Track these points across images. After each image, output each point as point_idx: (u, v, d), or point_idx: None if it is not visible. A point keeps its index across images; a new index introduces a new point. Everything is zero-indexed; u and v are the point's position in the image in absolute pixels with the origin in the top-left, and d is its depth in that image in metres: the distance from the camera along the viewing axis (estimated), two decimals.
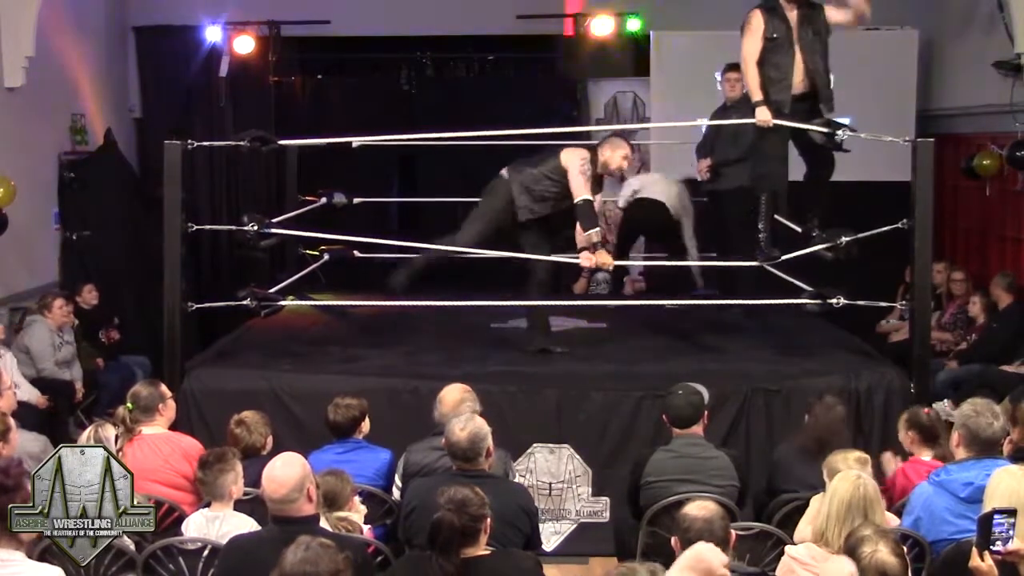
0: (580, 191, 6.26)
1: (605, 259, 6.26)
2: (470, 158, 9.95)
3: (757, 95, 6.40)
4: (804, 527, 4.31)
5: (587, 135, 10.25)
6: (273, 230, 6.60)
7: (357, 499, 4.63)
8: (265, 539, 3.77)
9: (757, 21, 6.41)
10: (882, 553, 3.26)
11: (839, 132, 6.29)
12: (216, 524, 4.16)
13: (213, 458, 4.32)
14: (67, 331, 7.56)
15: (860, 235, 6.35)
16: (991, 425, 4.26)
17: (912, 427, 4.96)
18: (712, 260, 7.71)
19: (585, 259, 6.30)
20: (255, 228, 6.43)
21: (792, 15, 6.41)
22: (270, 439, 5.04)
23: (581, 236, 6.58)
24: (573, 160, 6.34)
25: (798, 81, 6.44)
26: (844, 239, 6.30)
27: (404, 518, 4.37)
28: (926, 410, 5.06)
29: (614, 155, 6.39)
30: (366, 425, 5.23)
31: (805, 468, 4.79)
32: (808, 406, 5.18)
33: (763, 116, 6.35)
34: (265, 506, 3.84)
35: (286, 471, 3.74)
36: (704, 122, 7.69)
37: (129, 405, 4.97)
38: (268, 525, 3.83)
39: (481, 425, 4.36)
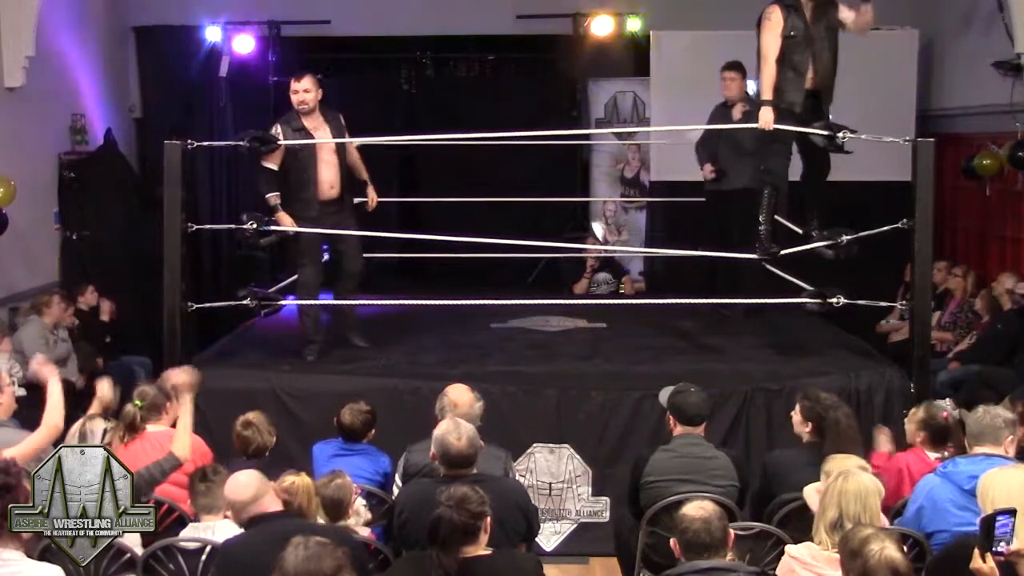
0: (262, 158, 6.56)
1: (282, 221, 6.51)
2: (470, 158, 9.97)
3: (768, 94, 6.34)
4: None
5: (586, 135, 10.34)
6: (272, 227, 6.60)
7: (361, 503, 4.64)
8: (253, 539, 3.79)
9: (777, 17, 6.33)
10: (890, 550, 3.25)
11: (840, 134, 6.28)
12: (209, 535, 4.15)
13: (211, 472, 4.33)
14: (61, 329, 7.56)
15: (860, 235, 6.35)
16: (980, 421, 4.38)
17: (926, 427, 4.93)
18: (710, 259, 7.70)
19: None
20: (254, 227, 6.43)
21: (808, 11, 6.37)
22: (274, 438, 5.04)
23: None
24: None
25: (810, 77, 6.44)
26: (845, 237, 6.30)
27: (399, 528, 4.37)
28: (944, 413, 5.01)
29: (290, 95, 6.62)
30: (372, 431, 5.24)
31: (803, 475, 4.76)
32: (808, 409, 5.00)
33: (766, 118, 6.32)
34: None
35: (244, 477, 3.88)
36: (704, 127, 7.66)
37: (138, 402, 4.99)
38: (249, 529, 3.86)
39: (470, 427, 4.37)
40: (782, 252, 6.50)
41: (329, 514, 4.36)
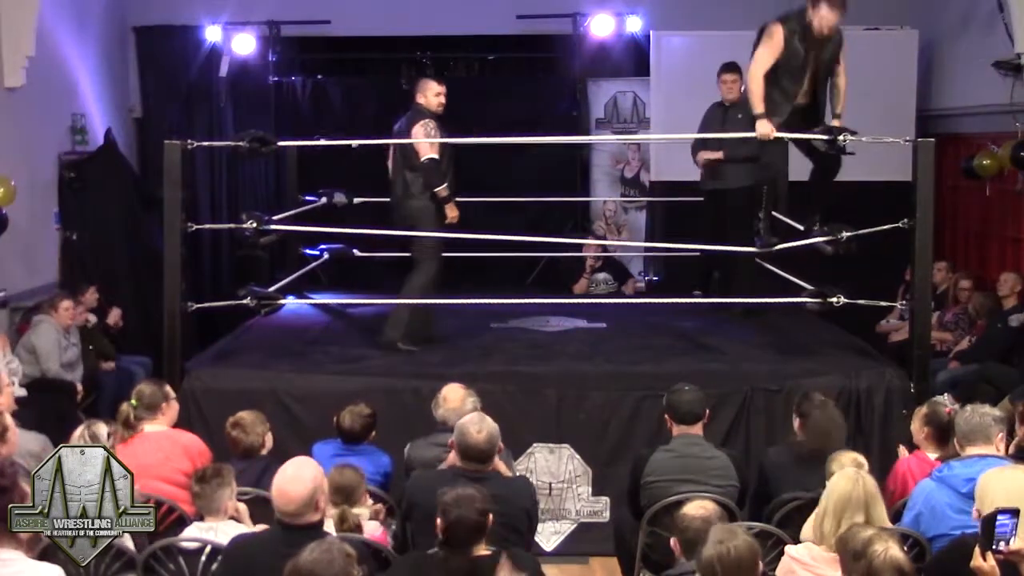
0: (424, 151, 6.64)
1: (452, 211, 6.71)
2: (470, 158, 9.97)
3: (759, 108, 6.40)
4: (807, 527, 4.31)
5: (587, 140, 10.34)
6: (272, 227, 6.60)
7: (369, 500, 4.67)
8: (268, 540, 3.79)
9: (779, 39, 6.37)
10: (894, 550, 3.25)
11: (840, 137, 6.31)
12: (210, 536, 4.15)
13: (210, 473, 4.32)
14: (73, 332, 7.55)
15: (860, 232, 6.35)
16: (970, 415, 4.39)
17: (930, 423, 4.94)
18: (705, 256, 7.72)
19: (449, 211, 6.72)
20: (254, 226, 6.43)
21: (813, 41, 6.40)
22: (269, 437, 5.03)
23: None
24: (417, 130, 6.69)
25: (802, 94, 6.50)
26: (845, 234, 6.31)
27: (406, 512, 4.38)
28: (948, 409, 5.02)
29: (427, 96, 6.79)
30: (372, 433, 5.25)
31: (800, 474, 4.76)
32: (797, 407, 5.10)
33: (764, 129, 6.38)
34: (264, 504, 3.84)
35: (296, 487, 3.72)
36: (702, 135, 7.68)
37: (133, 402, 4.99)
38: (274, 526, 3.85)
39: (493, 425, 4.40)
40: (781, 246, 6.52)
41: (344, 499, 4.40)
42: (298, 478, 3.74)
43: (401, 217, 6.91)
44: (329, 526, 4.21)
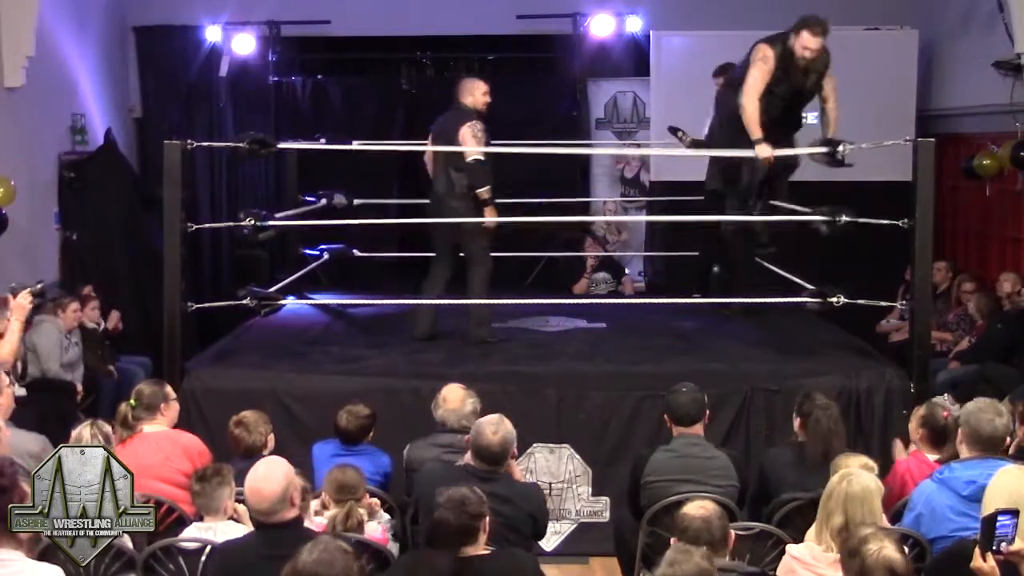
0: (470, 152, 6.60)
1: (492, 214, 6.67)
2: None
3: (756, 133, 6.47)
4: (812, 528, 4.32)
5: (586, 136, 10.34)
6: (270, 223, 6.60)
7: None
8: (249, 543, 3.79)
9: (770, 65, 6.48)
10: (888, 550, 3.23)
11: (839, 148, 6.33)
12: (210, 536, 4.15)
13: (210, 472, 4.32)
14: (74, 332, 7.55)
15: (860, 219, 6.37)
16: (992, 422, 4.27)
17: (925, 425, 4.93)
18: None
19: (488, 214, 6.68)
20: (252, 223, 6.43)
21: (798, 69, 6.49)
22: (271, 437, 5.03)
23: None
24: (464, 131, 6.64)
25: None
26: (844, 217, 6.33)
27: (414, 509, 4.39)
28: (945, 413, 5.01)
29: (475, 96, 6.80)
30: (370, 434, 5.25)
31: (800, 475, 4.76)
32: (798, 407, 5.10)
33: (764, 153, 6.45)
34: None
35: (269, 484, 3.72)
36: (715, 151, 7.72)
37: (132, 402, 4.99)
38: (253, 531, 3.86)
39: (510, 429, 4.41)
40: (771, 218, 6.63)
41: (350, 494, 4.42)
42: (269, 476, 3.74)
43: (440, 215, 6.88)
44: (310, 523, 4.23)
